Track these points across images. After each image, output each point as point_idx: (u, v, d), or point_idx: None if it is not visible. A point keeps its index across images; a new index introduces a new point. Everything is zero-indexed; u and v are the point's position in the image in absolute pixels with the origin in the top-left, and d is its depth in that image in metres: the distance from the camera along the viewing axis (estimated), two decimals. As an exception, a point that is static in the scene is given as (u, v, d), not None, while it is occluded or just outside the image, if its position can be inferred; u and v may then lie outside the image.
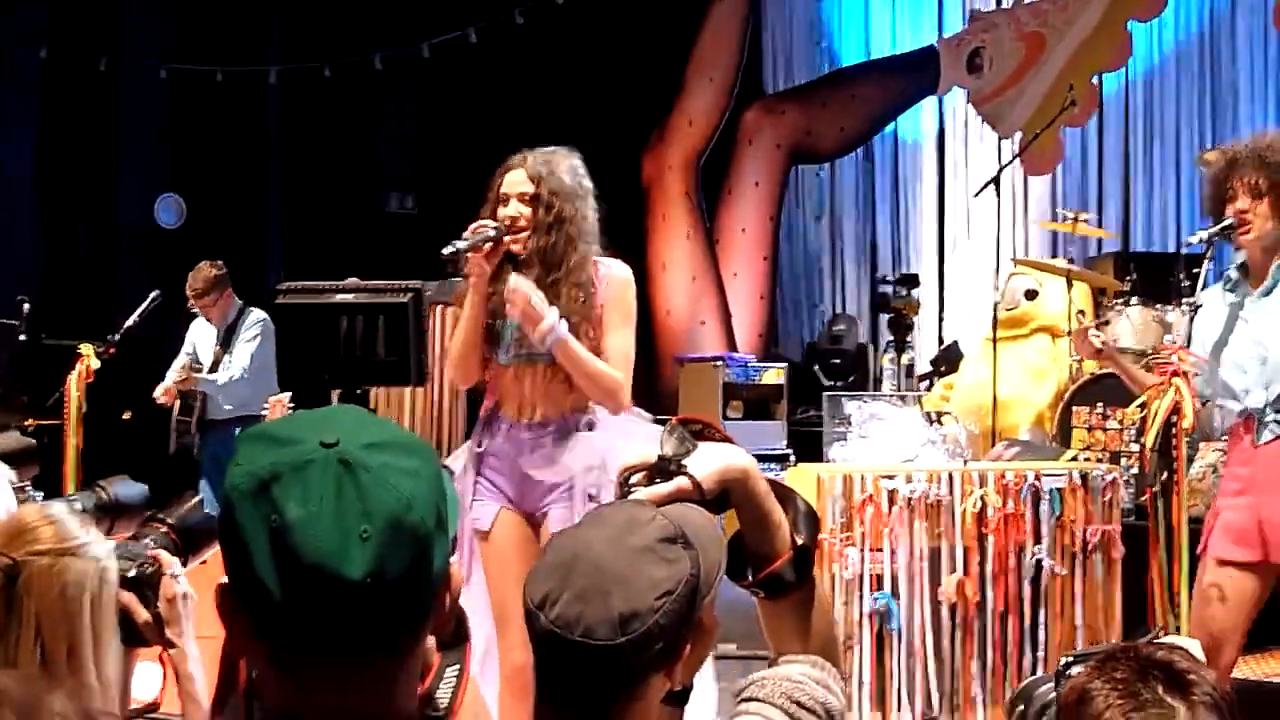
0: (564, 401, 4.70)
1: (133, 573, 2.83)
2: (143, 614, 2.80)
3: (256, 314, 9.26)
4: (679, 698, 2.12)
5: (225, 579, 1.62)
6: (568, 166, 4.80)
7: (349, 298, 2.82)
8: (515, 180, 4.71)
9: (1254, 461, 4.92)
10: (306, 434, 1.59)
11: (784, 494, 2.36)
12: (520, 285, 4.58)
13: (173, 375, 9.13)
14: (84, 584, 2.64)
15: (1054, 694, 2.42)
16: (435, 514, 1.61)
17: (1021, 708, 2.55)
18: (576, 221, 4.70)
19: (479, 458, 4.77)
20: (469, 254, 4.59)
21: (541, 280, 4.63)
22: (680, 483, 2.24)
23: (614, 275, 4.72)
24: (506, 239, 4.64)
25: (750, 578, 2.29)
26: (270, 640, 1.59)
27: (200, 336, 9.42)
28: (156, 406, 9.16)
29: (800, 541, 2.31)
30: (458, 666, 1.79)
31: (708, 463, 2.26)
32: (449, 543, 1.67)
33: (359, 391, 2.88)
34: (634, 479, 2.28)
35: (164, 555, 2.89)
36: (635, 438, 4.37)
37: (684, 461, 2.25)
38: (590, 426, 4.68)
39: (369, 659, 1.60)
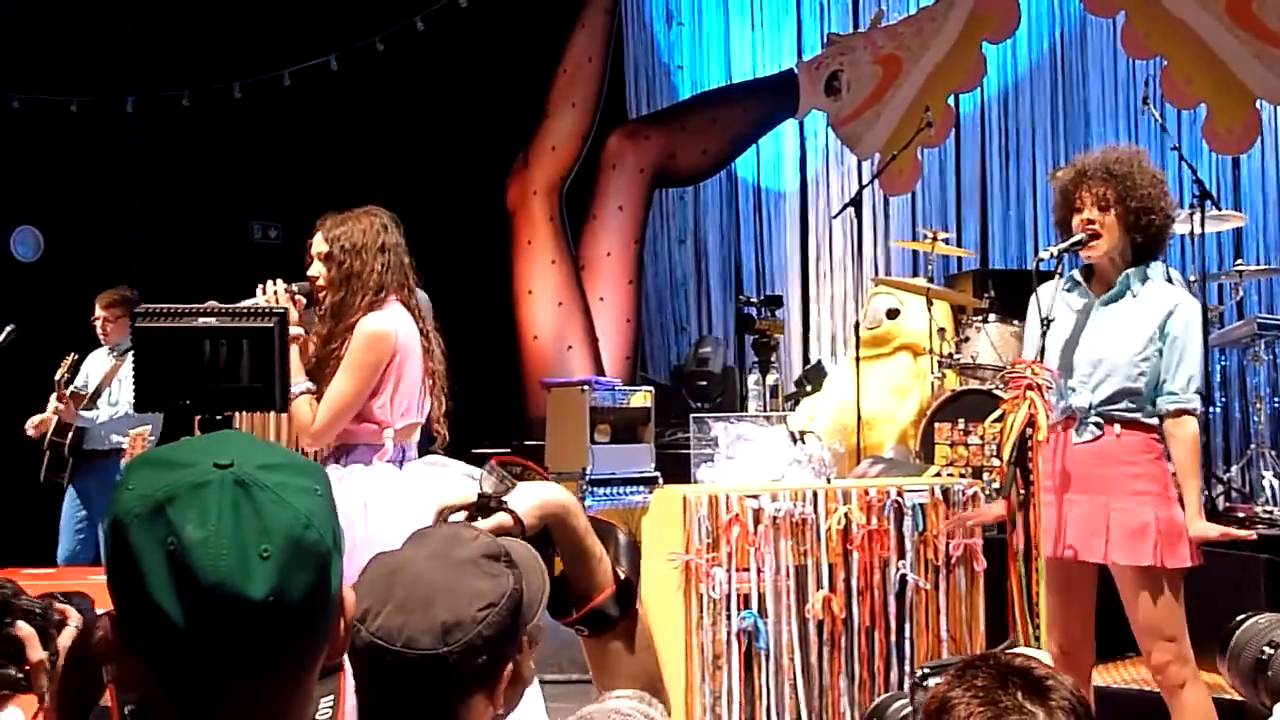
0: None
1: (36, 609, 2.77)
2: (38, 652, 2.73)
3: None
4: None
5: (111, 610, 1.58)
6: (365, 225, 5.11)
7: (212, 322, 2.79)
8: (316, 242, 5.11)
9: (1067, 460, 5.07)
10: (199, 457, 1.57)
11: (604, 529, 2.38)
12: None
13: (52, 405, 8.99)
14: None
15: (909, 709, 2.47)
16: (332, 534, 1.60)
17: None
18: (365, 276, 5.01)
19: None
20: None
21: (332, 332, 5.01)
22: (501, 518, 2.27)
23: (360, 327, 4.99)
24: (299, 301, 4.99)
25: (573, 614, 2.32)
26: (166, 668, 1.55)
27: (94, 365, 9.34)
28: (24, 437, 9.01)
29: (623, 576, 2.34)
30: (333, 696, 1.77)
31: (527, 499, 2.29)
32: (343, 566, 1.64)
33: (220, 418, 2.84)
34: (454, 517, 2.30)
35: (69, 609, 2.82)
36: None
37: (504, 498, 2.28)
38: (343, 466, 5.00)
39: (269, 682, 1.57)
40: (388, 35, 12.81)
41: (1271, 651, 2.70)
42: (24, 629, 2.76)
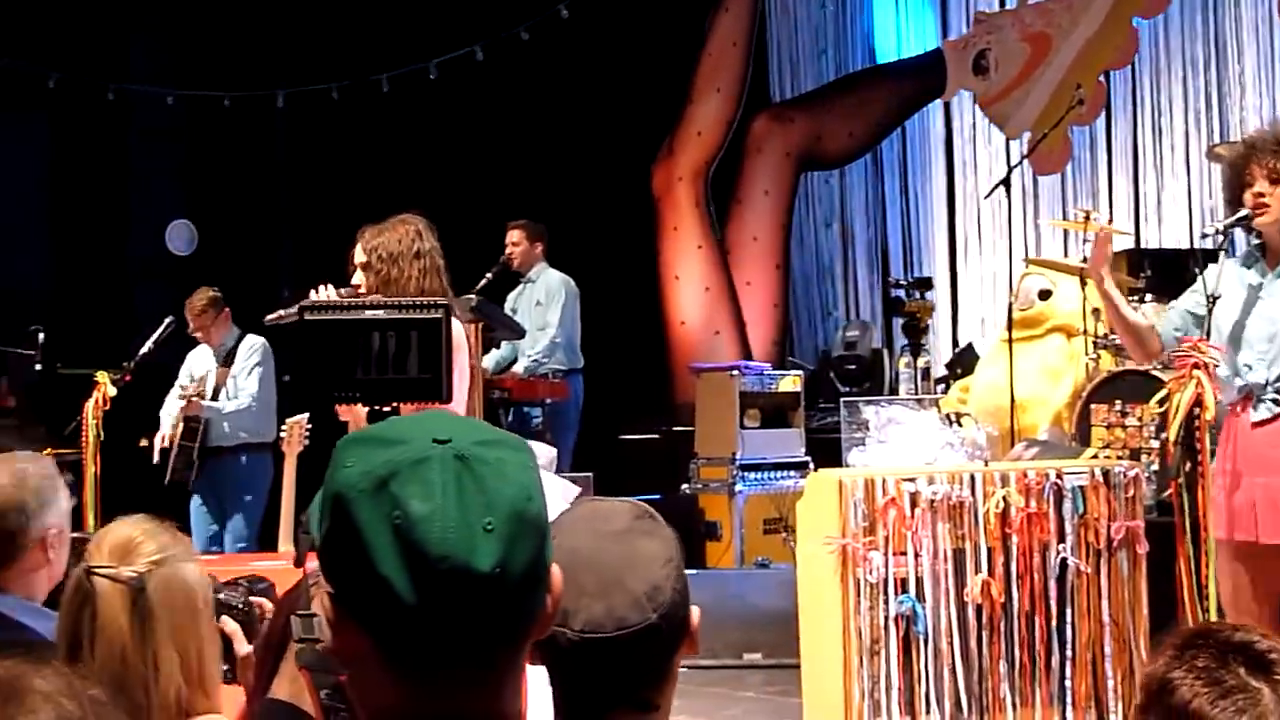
0: None
1: (239, 604, 2.83)
2: (244, 646, 2.80)
3: (254, 339, 9.28)
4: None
5: (329, 590, 1.60)
6: (401, 234, 5.28)
7: (380, 314, 2.81)
8: (357, 253, 5.31)
9: (1248, 440, 4.93)
10: (415, 433, 1.59)
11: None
12: None
13: (173, 407, 9.08)
14: (197, 588, 2.72)
15: None
16: (547, 509, 1.62)
17: None
18: (403, 284, 5.20)
19: None
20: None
21: None
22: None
23: None
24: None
25: None
26: (391, 641, 1.56)
27: (198, 363, 9.42)
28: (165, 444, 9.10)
29: None
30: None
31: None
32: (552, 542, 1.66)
33: (389, 410, 2.87)
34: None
35: (266, 603, 2.88)
36: None
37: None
38: None
39: (488, 654, 1.59)
40: (532, 25, 12.86)
41: None
42: (230, 624, 2.84)
